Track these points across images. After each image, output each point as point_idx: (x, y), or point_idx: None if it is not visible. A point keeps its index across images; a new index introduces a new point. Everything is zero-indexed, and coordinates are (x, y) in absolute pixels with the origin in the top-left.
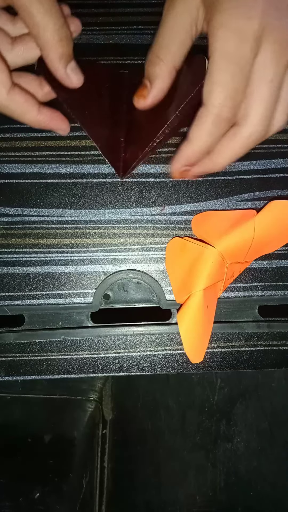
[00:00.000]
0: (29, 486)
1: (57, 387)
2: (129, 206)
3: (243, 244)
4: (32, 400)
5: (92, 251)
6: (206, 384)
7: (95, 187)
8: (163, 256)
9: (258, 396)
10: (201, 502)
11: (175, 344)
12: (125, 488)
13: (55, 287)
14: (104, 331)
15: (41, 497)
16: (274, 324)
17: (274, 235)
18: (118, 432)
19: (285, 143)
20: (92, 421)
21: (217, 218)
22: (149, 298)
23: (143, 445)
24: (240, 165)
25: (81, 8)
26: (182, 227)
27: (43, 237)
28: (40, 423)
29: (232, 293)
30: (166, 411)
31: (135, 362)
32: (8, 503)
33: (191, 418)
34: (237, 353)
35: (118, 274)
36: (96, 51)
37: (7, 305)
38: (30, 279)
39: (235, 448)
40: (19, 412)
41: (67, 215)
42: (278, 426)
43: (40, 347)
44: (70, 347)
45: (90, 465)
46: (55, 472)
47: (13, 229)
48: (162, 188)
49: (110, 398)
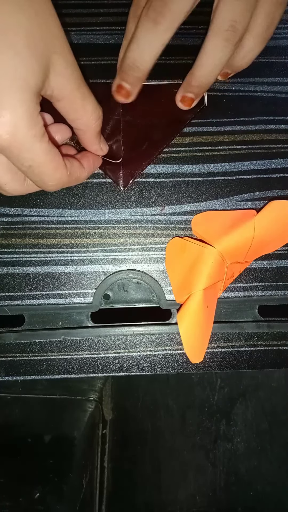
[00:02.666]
0: (29, 486)
1: (57, 387)
2: (129, 206)
3: (243, 244)
4: (32, 400)
5: (92, 251)
6: (206, 384)
7: (95, 187)
8: (163, 256)
9: (258, 396)
10: (201, 502)
11: (175, 344)
12: (125, 488)
13: (55, 287)
14: (104, 331)
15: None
16: (274, 324)
17: (274, 235)
18: (118, 432)
19: (285, 143)
20: (92, 421)
21: (217, 218)
22: (149, 298)
23: (143, 445)
24: (240, 165)
25: (81, 8)
26: (182, 227)
27: (43, 237)
28: (40, 423)
29: (232, 293)
30: (166, 411)
31: (135, 362)
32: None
33: (191, 418)
34: (237, 353)
35: (118, 274)
36: (96, 51)
37: (7, 305)
38: (30, 279)
39: (235, 448)
40: (19, 412)
41: (67, 215)
42: (278, 426)
43: (40, 347)
44: (70, 347)
45: (90, 465)
46: (55, 472)
47: (13, 229)
48: (162, 188)
49: (110, 398)
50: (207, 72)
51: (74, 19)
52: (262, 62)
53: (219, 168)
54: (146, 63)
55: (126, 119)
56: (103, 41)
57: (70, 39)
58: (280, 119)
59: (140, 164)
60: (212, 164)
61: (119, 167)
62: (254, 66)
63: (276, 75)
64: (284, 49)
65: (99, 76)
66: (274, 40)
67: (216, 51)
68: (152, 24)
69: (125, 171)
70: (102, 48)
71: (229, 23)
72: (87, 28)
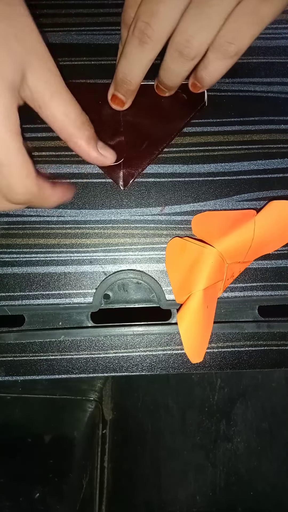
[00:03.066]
0: (29, 486)
1: (57, 387)
2: (129, 206)
3: (243, 244)
4: (32, 400)
5: (92, 251)
6: (206, 384)
7: (95, 187)
8: (163, 256)
9: (258, 396)
10: (201, 502)
11: (175, 344)
12: (125, 488)
13: (55, 287)
14: (104, 331)
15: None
16: (274, 324)
17: (274, 235)
18: (118, 432)
19: (285, 143)
20: (92, 421)
21: (217, 218)
22: (149, 298)
23: (143, 445)
24: (240, 165)
25: (81, 8)
26: (182, 227)
27: (43, 237)
28: (40, 423)
29: (232, 293)
30: (166, 411)
31: (135, 362)
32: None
33: (191, 418)
34: (237, 353)
35: (118, 274)
36: (96, 51)
37: (7, 305)
38: (30, 279)
39: (235, 448)
40: (19, 412)
41: (67, 215)
42: (278, 426)
43: (40, 347)
44: (70, 347)
45: (90, 465)
46: (55, 472)
47: (13, 229)
48: (162, 188)
49: (110, 398)
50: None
51: (74, 19)
52: (262, 62)
53: (219, 168)
54: (137, 77)
55: (126, 119)
56: (103, 41)
57: (70, 39)
58: (280, 119)
59: (140, 164)
60: (212, 164)
61: (119, 167)
62: (254, 66)
63: (276, 75)
64: (284, 49)
65: (99, 76)
66: (274, 40)
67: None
68: (137, 42)
69: (125, 171)
70: (102, 48)
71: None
72: (87, 28)
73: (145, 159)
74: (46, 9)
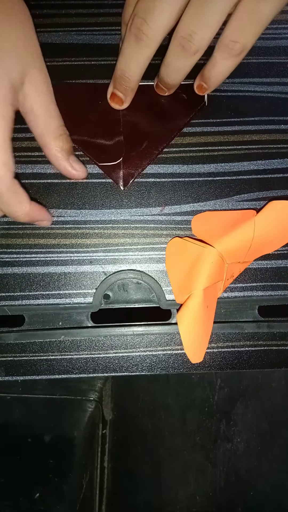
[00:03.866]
0: (29, 486)
1: (57, 387)
2: (129, 206)
3: (243, 244)
4: (32, 400)
5: (92, 251)
6: (206, 384)
7: (95, 187)
8: (163, 256)
9: (258, 396)
10: (201, 502)
11: (175, 344)
12: (125, 488)
13: (55, 287)
14: (104, 331)
15: (41, 497)
16: (274, 324)
17: (274, 235)
18: (118, 432)
19: (285, 143)
20: (92, 421)
21: (217, 218)
22: (149, 298)
23: (143, 445)
24: (240, 165)
25: (81, 8)
26: (182, 227)
27: (43, 237)
28: (40, 423)
29: (232, 293)
30: (166, 411)
31: (135, 362)
32: (8, 503)
33: (191, 418)
34: (237, 353)
35: (118, 274)
36: (96, 51)
37: (7, 305)
38: (30, 279)
39: (235, 448)
40: (19, 412)
41: (67, 215)
42: (278, 426)
43: (40, 347)
44: (70, 347)
45: (90, 465)
46: (55, 472)
47: (13, 229)
48: (162, 188)
49: (110, 398)
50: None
51: (74, 19)
52: (262, 62)
53: (219, 168)
54: (135, 73)
55: (126, 119)
56: (103, 41)
57: (70, 39)
58: (280, 119)
59: (140, 164)
60: (212, 164)
61: (119, 167)
62: (254, 66)
63: (276, 75)
64: (284, 49)
65: (99, 76)
66: (274, 40)
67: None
68: (134, 39)
69: (125, 171)
70: (102, 48)
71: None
72: (87, 28)
73: (145, 159)
74: (46, 9)
